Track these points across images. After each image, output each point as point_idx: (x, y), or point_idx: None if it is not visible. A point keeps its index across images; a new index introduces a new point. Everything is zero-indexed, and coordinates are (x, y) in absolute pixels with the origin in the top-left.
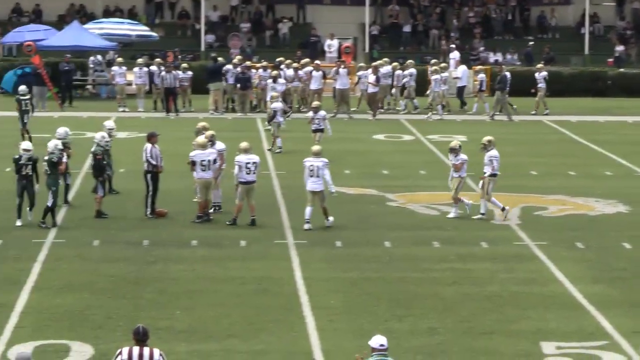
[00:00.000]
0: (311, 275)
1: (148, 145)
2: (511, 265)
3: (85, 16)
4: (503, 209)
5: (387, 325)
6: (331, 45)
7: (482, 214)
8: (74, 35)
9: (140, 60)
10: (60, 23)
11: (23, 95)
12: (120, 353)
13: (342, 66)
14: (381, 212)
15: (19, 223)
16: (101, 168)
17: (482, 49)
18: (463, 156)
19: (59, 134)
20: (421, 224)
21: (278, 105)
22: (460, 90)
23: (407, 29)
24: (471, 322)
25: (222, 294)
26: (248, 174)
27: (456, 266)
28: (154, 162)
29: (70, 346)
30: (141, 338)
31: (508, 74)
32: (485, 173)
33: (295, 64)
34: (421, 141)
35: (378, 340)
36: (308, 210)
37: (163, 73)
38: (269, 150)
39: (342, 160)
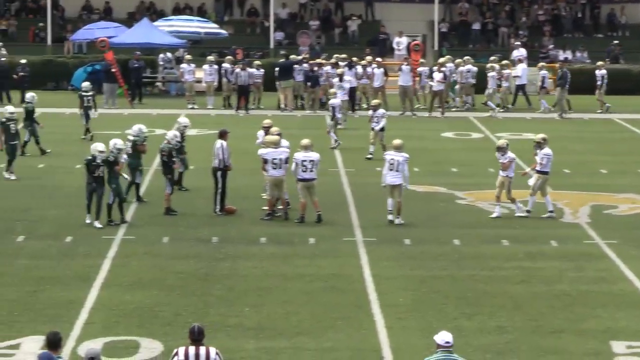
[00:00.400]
0: (380, 273)
1: (220, 143)
2: (580, 264)
3: (155, 13)
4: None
5: (456, 324)
6: (400, 43)
7: (528, 211)
8: (143, 32)
9: (210, 58)
10: (130, 20)
11: (86, 91)
12: (176, 353)
13: (405, 63)
14: (450, 210)
15: (88, 220)
16: (168, 166)
17: (551, 46)
18: (511, 155)
19: (133, 131)
20: (490, 222)
21: (336, 102)
22: (520, 89)
23: (476, 26)
24: (540, 321)
25: (290, 292)
26: (304, 171)
27: (525, 264)
28: (225, 160)
29: (140, 342)
30: (196, 337)
31: (568, 71)
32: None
33: (363, 62)
34: (490, 139)
35: (443, 337)
36: (390, 202)
37: (237, 70)
38: (331, 148)
39: (411, 158)
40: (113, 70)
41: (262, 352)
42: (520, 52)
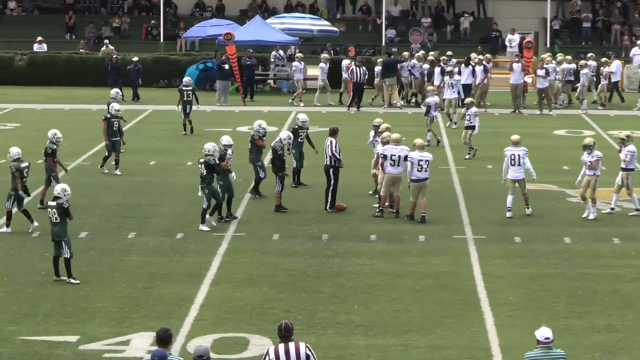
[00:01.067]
0: (490, 271)
1: (329, 140)
2: None
3: (267, 11)
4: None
5: (566, 322)
6: (512, 40)
7: (612, 208)
8: (256, 30)
9: (325, 55)
10: (242, 18)
11: (186, 86)
12: (267, 353)
13: (517, 61)
14: (561, 208)
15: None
16: (279, 164)
17: None
18: (598, 153)
19: (254, 126)
20: (601, 220)
21: (433, 99)
22: (614, 86)
23: (587, 24)
24: None
25: (400, 289)
26: (420, 171)
27: (636, 263)
28: (338, 157)
29: (249, 339)
30: (284, 334)
31: None
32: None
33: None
34: (602, 137)
35: (543, 333)
36: (509, 199)
37: (353, 67)
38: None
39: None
40: (231, 64)
41: (372, 349)
42: (636, 51)
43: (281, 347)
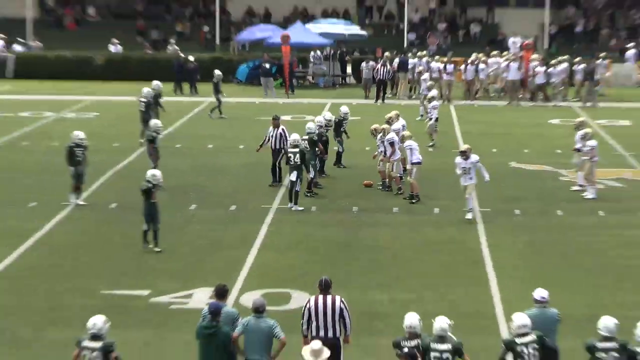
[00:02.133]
0: (493, 238)
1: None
2: None
3: (307, 17)
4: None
5: (558, 282)
6: (515, 42)
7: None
8: (297, 33)
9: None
10: (285, 23)
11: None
12: (308, 301)
13: (513, 60)
14: (555, 186)
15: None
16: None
17: None
18: (592, 142)
19: (326, 116)
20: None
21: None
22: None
23: (579, 29)
24: (630, 281)
25: (418, 253)
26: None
27: (616, 232)
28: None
29: (291, 294)
30: (324, 288)
31: None
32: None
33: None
34: (590, 125)
35: (540, 293)
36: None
37: (378, 66)
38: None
39: (522, 141)
40: (273, 63)
41: (394, 303)
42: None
43: (320, 298)
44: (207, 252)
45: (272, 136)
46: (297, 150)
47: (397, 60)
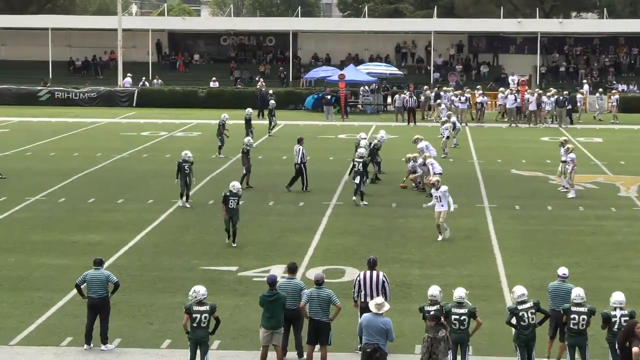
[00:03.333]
0: (499, 227)
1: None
2: (630, 223)
3: (357, 61)
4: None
5: (547, 260)
6: (513, 80)
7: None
8: (350, 73)
9: (396, 89)
10: (341, 65)
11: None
12: (358, 275)
13: (511, 93)
14: (545, 188)
15: (364, 203)
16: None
17: (614, 82)
18: (572, 155)
19: (378, 138)
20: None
21: (454, 118)
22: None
23: (562, 69)
24: (602, 260)
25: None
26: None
27: (594, 222)
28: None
29: (345, 270)
30: (372, 265)
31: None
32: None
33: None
34: (572, 141)
35: (562, 270)
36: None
37: (407, 97)
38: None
39: (520, 153)
40: (333, 95)
41: (423, 277)
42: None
43: (367, 273)
44: (281, 237)
45: (296, 152)
46: (361, 160)
47: (433, 93)
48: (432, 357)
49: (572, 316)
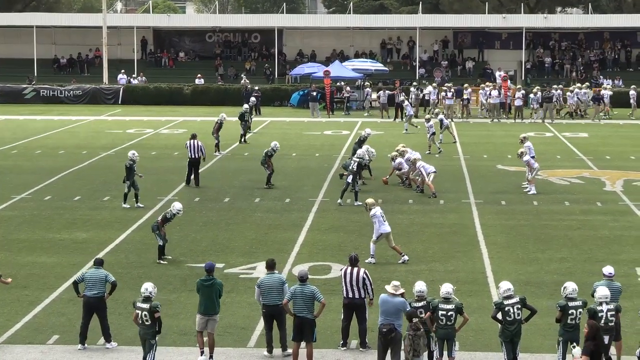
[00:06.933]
0: (485, 223)
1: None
2: (616, 217)
3: (342, 57)
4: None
5: (534, 256)
6: (498, 75)
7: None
8: (336, 69)
9: (381, 85)
10: (327, 62)
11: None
12: (341, 270)
13: (493, 88)
14: None
15: (357, 203)
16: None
17: (600, 77)
18: (525, 158)
19: (363, 134)
20: (557, 190)
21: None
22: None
23: (548, 65)
24: (589, 254)
25: (427, 234)
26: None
27: (580, 217)
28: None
29: (331, 266)
30: (353, 263)
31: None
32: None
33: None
34: (558, 137)
35: (608, 269)
36: (372, 247)
37: (395, 93)
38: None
39: (505, 149)
40: (318, 91)
41: (409, 272)
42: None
43: (349, 269)
44: (268, 234)
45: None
46: (358, 160)
47: (454, 89)
48: (414, 354)
49: (570, 311)
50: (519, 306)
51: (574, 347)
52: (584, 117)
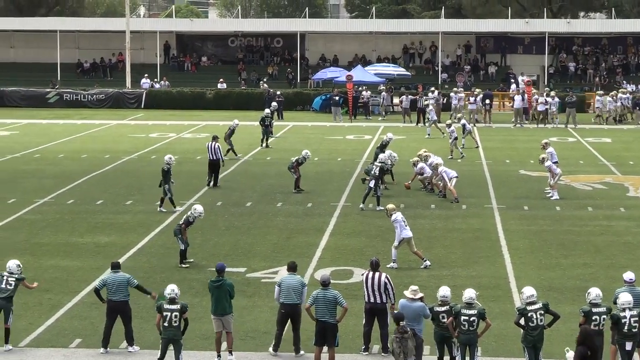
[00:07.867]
0: (508, 228)
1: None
2: (639, 223)
3: (365, 62)
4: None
5: (556, 261)
6: (521, 80)
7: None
8: (358, 74)
9: (403, 89)
10: (349, 66)
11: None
12: (363, 274)
13: (517, 93)
14: None
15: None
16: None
17: (624, 82)
18: (547, 163)
19: (385, 138)
20: (579, 195)
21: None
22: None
23: (571, 70)
24: (612, 260)
25: (450, 239)
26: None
27: (604, 223)
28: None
29: (353, 271)
30: (374, 267)
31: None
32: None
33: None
34: (581, 142)
35: (628, 275)
36: (394, 252)
37: (419, 98)
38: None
39: (528, 154)
40: (341, 96)
41: (431, 277)
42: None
43: (370, 274)
44: (289, 239)
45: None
46: (380, 165)
47: (482, 94)
48: (404, 357)
49: (593, 317)
50: (542, 312)
51: (567, 350)
52: (622, 122)
